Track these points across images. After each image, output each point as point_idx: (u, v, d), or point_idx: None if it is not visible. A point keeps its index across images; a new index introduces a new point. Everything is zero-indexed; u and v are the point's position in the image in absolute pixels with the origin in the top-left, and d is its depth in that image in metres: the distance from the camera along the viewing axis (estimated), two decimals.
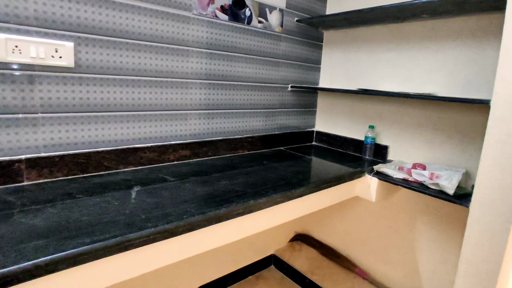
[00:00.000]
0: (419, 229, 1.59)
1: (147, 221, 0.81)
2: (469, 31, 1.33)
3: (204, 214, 0.88)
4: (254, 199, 1.00)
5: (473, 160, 1.35)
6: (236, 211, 0.95)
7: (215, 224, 0.92)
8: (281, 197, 1.09)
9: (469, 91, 1.35)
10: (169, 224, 0.81)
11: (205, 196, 1.01)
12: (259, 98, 1.65)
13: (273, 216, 1.11)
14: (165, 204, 0.93)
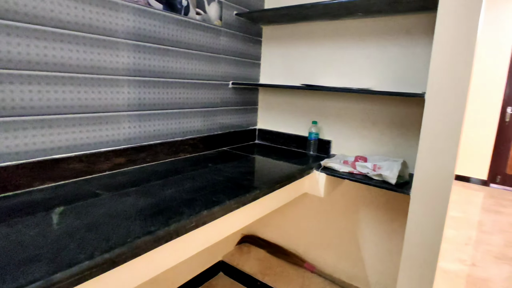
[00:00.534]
0: (364, 219, 1.67)
1: (79, 251, 0.64)
2: (401, 29, 1.42)
3: (152, 233, 0.74)
4: (207, 209, 0.89)
5: (409, 149, 1.46)
6: (189, 225, 0.84)
7: (166, 244, 0.79)
8: (236, 203, 1.00)
9: (402, 85, 1.45)
10: (109, 252, 0.65)
11: (150, 210, 0.86)
12: (199, 96, 1.53)
13: (228, 224, 1.02)
14: (101, 225, 0.76)
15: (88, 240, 0.69)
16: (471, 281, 2.03)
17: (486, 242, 2.62)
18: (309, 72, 1.74)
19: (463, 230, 2.82)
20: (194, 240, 0.90)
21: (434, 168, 1.14)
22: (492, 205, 3.60)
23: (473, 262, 2.28)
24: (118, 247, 0.67)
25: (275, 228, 2.04)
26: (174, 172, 1.23)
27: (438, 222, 1.16)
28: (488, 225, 2.97)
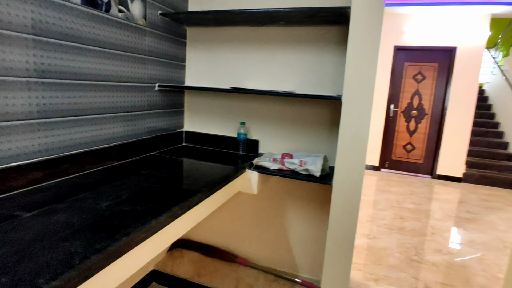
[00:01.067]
0: (293, 211, 1.83)
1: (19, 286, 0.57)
2: (318, 39, 1.61)
3: (101, 251, 0.70)
4: (155, 218, 0.87)
5: (328, 145, 1.66)
6: (139, 237, 0.81)
7: (115, 261, 0.74)
8: (181, 208, 1.00)
9: (317, 88, 1.65)
10: (56, 279, 0.59)
11: (89, 227, 0.80)
12: (125, 99, 1.43)
13: (174, 230, 1.01)
14: (34, 252, 0.67)
15: (24, 272, 0.61)
16: (374, 251, 2.44)
17: (381, 217, 3.15)
18: (235, 75, 1.81)
19: (364, 210, 3.33)
20: (143, 252, 0.87)
21: (351, 161, 1.34)
22: (383, 186, 4.33)
23: (374, 235, 2.72)
24: (65, 272, 0.61)
25: (206, 229, 2.06)
26: (106, 182, 1.14)
27: (355, 206, 1.38)
28: (382, 203, 3.58)
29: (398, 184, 4.47)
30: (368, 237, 2.68)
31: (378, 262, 2.27)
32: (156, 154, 1.63)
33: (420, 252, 2.46)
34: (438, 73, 4.88)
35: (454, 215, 3.37)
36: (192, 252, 2.05)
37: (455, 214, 3.41)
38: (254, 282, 1.80)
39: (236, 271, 1.90)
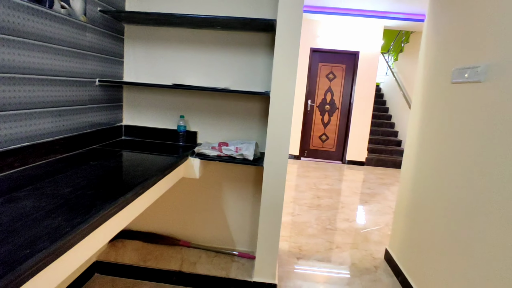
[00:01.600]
0: (230, 192, 2.08)
1: (21, 247, 0.68)
2: (250, 43, 1.87)
3: (83, 222, 0.83)
4: (122, 195, 1.02)
5: (259, 133, 1.95)
6: (111, 211, 0.95)
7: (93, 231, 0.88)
8: (134, 194, 1.11)
9: (248, 85, 1.91)
10: (54, 243, 0.72)
11: (61, 208, 0.90)
12: (67, 94, 1.47)
13: (126, 216, 1.12)
14: (14, 230, 0.77)
15: (18, 242, 0.72)
16: (297, 225, 2.86)
17: (302, 198, 3.64)
18: (174, 72, 1.95)
19: (288, 193, 3.78)
20: (109, 228, 1.00)
21: (277, 146, 1.66)
22: (303, 172, 4.91)
23: (297, 213, 3.17)
24: (58, 238, 0.74)
25: (148, 218, 2.16)
26: (57, 172, 1.20)
27: (282, 183, 1.70)
28: (302, 187, 4.10)
29: (315, 169, 5.12)
30: (292, 215, 3.11)
31: (300, 233, 2.69)
32: (98, 147, 1.69)
33: (333, 222, 2.98)
34: (346, 73, 5.69)
35: (358, 192, 4.09)
36: (134, 241, 2.14)
37: (359, 191, 4.13)
38: (197, 260, 2.00)
39: (180, 253, 2.07)
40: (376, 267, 2.24)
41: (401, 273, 2.05)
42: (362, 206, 3.57)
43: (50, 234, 0.75)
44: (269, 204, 1.75)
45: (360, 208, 3.49)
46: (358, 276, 2.10)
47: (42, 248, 0.69)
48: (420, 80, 2.13)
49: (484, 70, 1.40)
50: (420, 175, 1.96)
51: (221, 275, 1.87)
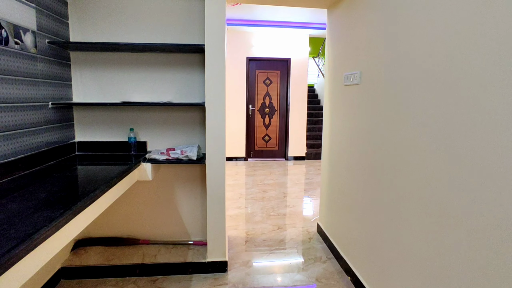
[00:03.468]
0: (181, 190, 2.39)
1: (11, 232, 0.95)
2: (186, 62, 2.22)
3: (69, 209, 1.11)
4: (93, 191, 1.30)
5: (200, 137, 2.30)
6: (86, 202, 1.23)
7: (72, 219, 1.16)
8: (101, 192, 1.41)
9: (188, 97, 2.26)
10: (52, 221, 1.00)
11: (44, 205, 1.16)
12: (25, 118, 1.67)
13: (93, 210, 1.40)
14: (15, 222, 1.03)
15: (22, 228, 0.99)
16: (244, 215, 3.26)
17: (249, 193, 4.06)
18: (121, 90, 2.22)
19: (236, 190, 4.17)
20: (81, 221, 1.28)
21: (215, 146, 2.03)
22: (250, 171, 5.34)
23: (245, 206, 3.56)
24: (54, 220, 1.02)
25: (108, 223, 2.38)
26: (26, 185, 1.42)
27: (222, 176, 2.07)
28: (249, 184, 4.52)
29: (261, 168, 5.59)
30: (240, 208, 3.50)
31: (247, 222, 3.09)
32: (55, 163, 1.89)
33: (276, 209, 3.44)
34: (281, 78, 6.28)
35: (298, 182, 4.63)
36: (96, 247, 2.34)
37: (299, 182, 4.68)
38: (157, 252, 2.28)
39: (141, 250, 2.32)
40: (310, 239, 2.72)
41: (327, 239, 2.55)
42: (300, 193, 4.10)
43: (44, 220, 1.03)
44: (214, 194, 2.11)
45: (299, 195, 4.01)
46: (295, 247, 2.56)
47: (36, 229, 0.97)
48: (326, 83, 2.68)
49: (359, 76, 1.95)
50: (332, 155, 2.49)
51: (179, 261, 2.17)
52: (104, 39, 2.14)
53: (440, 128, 1.21)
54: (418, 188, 1.36)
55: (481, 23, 1.02)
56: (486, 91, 1.00)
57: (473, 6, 1.06)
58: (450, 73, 1.16)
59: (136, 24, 2.16)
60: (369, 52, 1.83)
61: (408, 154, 1.43)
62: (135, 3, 2.15)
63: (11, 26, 1.55)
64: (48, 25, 1.87)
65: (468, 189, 1.08)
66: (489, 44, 0.99)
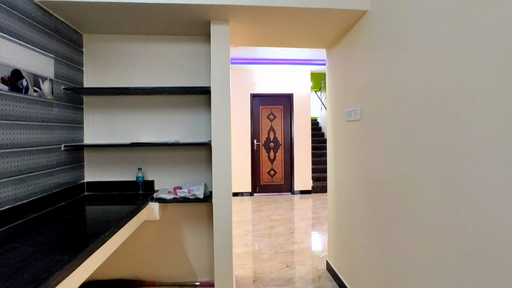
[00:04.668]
0: (187, 228, 2.38)
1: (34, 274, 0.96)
2: (193, 103, 2.32)
3: (81, 251, 1.12)
4: (108, 230, 1.31)
5: (206, 175, 2.34)
6: (100, 242, 1.24)
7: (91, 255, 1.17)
8: (110, 233, 1.43)
9: (195, 137, 2.33)
10: (66, 265, 1.01)
11: (59, 245, 1.18)
12: (39, 161, 1.73)
13: (104, 252, 1.42)
14: (29, 264, 1.05)
15: (36, 271, 1.00)
16: (252, 253, 3.18)
17: (256, 230, 3.99)
18: (130, 131, 2.30)
19: (243, 227, 4.11)
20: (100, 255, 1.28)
21: (222, 184, 2.05)
22: (256, 207, 5.29)
23: (252, 243, 3.49)
24: (65, 265, 1.03)
25: (114, 265, 2.34)
26: (39, 226, 1.45)
27: (229, 213, 2.07)
28: (256, 220, 4.46)
29: (267, 203, 5.54)
30: (247, 246, 3.43)
31: (255, 260, 3.01)
32: (66, 204, 1.92)
33: (283, 246, 3.36)
34: (284, 113, 6.43)
35: (305, 217, 4.56)
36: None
37: (306, 216, 4.61)
38: None
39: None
40: (319, 277, 2.63)
41: (337, 277, 2.47)
42: (308, 228, 4.02)
43: (51, 266, 1.04)
44: (221, 233, 2.09)
45: (308, 231, 3.93)
46: (304, 287, 2.47)
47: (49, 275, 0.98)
48: (328, 118, 2.75)
49: (360, 112, 2.01)
50: (337, 191, 2.49)
51: None
52: (115, 84, 2.26)
53: (439, 163, 1.24)
54: (424, 223, 1.35)
55: (478, 58, 1.09)
56: (482, 127, 1.04)
57: (466, 46, 1.13)
58: (445, 110, 1.21)
59: (145, 68, 2.30)
60: (369, 89, 1.90)
61: (409, 190, 1.45)
62: (144, 48, 2.30)
63: (31, 76, 1.67)
64: (65, 72, 2.00)
65: (472, 224, 1.08)
66: (485, 82, 1.04)
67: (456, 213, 1.18)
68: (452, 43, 1.20)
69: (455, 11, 1.19)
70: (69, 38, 2.07)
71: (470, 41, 1.11)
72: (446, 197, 1.23)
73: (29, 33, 1.66)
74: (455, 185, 1.17)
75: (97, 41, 2.27)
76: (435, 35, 1.30)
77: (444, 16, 1.24)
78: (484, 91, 1.05)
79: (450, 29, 1.21)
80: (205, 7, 1.84)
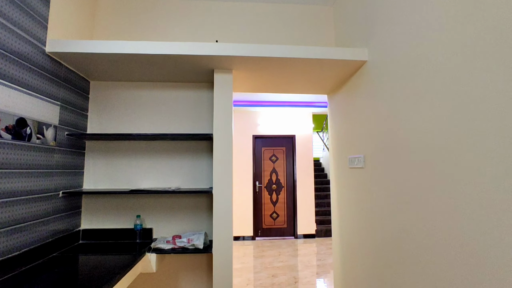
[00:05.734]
0: (186, 280, 2.24)
1: None
2: (195, 149, 2.31)
3: None
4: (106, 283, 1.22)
5: (207, 223, 2.25)
6: None
7: None
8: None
9: (196, 183, 2.29)
10: None
11: None
12: (34, 209, 1.68)
13: None
14: None
15: None
16: None
17: (257, 278, 3.77)
18: (130, 177, 2.27)
19: (244, 275, 3.89)
20: None
21: (222, 234, 1.97)
22: (258, 252, 5.06)
23: None
24: None
25: None
26: (26, 282, 1.36)
27: (229, 264, 1.96)
28: (257, 267, 4.24)
29: (269, 248, 5.31)
30: None
31: None
32: (58, 255, 1.83)
33: None
34: (286, 155, 6.42)
35: (309, 264, 4.33)
36: None
37: (310, 264, 4.38)
38: None
39: None
40: None
41: None
42: (313, 277, 3.80)
43: None
44: (220, 286, 1.96)
45: (313, 281, 3.70)
46: None
47: None
48: (331, 163, 2.72)
49: (363, 159, 1.98)
50: (342, 239, 2.37)
51: None
52: (119, 129, 2.28)
53: (441, 213, 1.18)
54: (436, 275, 1.25)
55: (479, 108, 1.08)
56: (487, 178, 1.00)
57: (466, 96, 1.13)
58: (449, 159, 1.18)
59: (149, 114, 2.33)
60: (371, 137, 1.89)
61: (421, 240, 1.37)
62: (149, 94, 2.35)
63: (36, 123, 1.68)
64: (69, 118, 2.02)
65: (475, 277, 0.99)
66: (490, 131, 1.02)
67: (466, 265, 1.09)
68: (451, 92, 1.20)
69: (455, 60, 1.21)
70: (77, 86, 2.13)
71: (470, 91, 1.11)
72: (455, 249, 1.15)
73: (38, 82, 1.70)
74: (465, 237, 1.10)
75: (103, 87, 2.33)
76: (433, 84, 1.31)
77: (442, 65, 1.27)
78: (489, 140, 1.02)
79: (448, 79, 1.22)
80: (210, 57, 1.91)
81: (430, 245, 1.33)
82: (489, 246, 1.04)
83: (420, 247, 1.40)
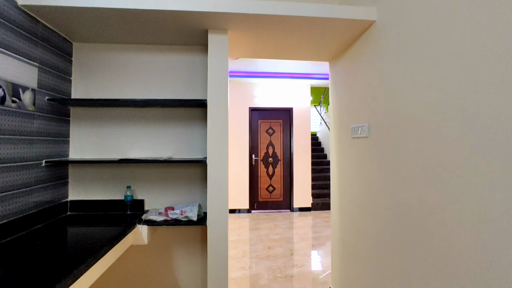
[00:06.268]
0: (179, 253, 2.18)
1: None
2: (186, 117, 2.16)
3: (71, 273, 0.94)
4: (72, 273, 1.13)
5: (201, 195, 2.16)
6: (67, 281, 1.06)
7: None
8: (85, 267, 1.23)
9: (190, 153, 2.17)
10: None
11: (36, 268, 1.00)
12: (13, 179, 1.56)
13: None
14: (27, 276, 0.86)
15: None
16: (249, 278, 2.97)
17: (253, 250, 3.77)
18: (120, 146, 2.14)
19: (240, 247, 3.89)
20: None
21: (217, 206, 1.88)
22: (254, 225, 5.07)
23: (249, 266, 3.27)
24: None
25: None
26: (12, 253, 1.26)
27: (224, 237, 1.89)
28: (253, 239, 4.24)
29: (265, 221, 5.32)
30: (244, 269, 3.21)
31: (252, 286, 2.79)
32: (42, 227, 1.73)
33: (283, 270, 3.14)
34: (283, 128, 6.29)
35: (306, 237, 4.35)
36: None
37: (307, 236, 4.40)
38: None
39: None
40: None
41: None
42: (309, 249, 3.81)
43: None
44: (215, 260, 1.90)
45: (308, 253, 3.71)
46: None
47: None
48: (332, 135, 2.60)
49: (368, 128, 1.86)
50: (342, 212, 2.31)
51: None
52: (106, 95, 2.12)
53: (448, 183, 1.08)
54: (437, 244, 1.18)
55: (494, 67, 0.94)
56: (493, 137, 0.89)
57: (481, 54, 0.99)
58: (461, 126, 1.06)
59: (138, 79, 2.16)
60: (377, 104, 1.76)
61: (426, 213, 1.28)
62: (137, 58, 2.17)
63: (10, 85, 1.51)
64: (50, 82, 1.85)
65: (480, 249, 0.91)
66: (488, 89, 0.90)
67: (472, 229, 1.01)
68: (467, 50, 1.06)
69: (471, 17, 1.05)
70: (57, 47, 1.94)
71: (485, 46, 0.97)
72: (457, 218, 1.06)
73: (10, 39, 1.52)
74: (468, 207, 1.01)
75: (87, 50, 2.14)
76: (448, 42, 1.16)
77: (457, 22, 1.11)
78: (501, 98, 0.90)
79: (464, 35, 1.08)
80: (202, 14, 1.72)
81: (437, 220, 1.24)
82: (495, 220, 0.94)
83: (425, 218, 1.32)
